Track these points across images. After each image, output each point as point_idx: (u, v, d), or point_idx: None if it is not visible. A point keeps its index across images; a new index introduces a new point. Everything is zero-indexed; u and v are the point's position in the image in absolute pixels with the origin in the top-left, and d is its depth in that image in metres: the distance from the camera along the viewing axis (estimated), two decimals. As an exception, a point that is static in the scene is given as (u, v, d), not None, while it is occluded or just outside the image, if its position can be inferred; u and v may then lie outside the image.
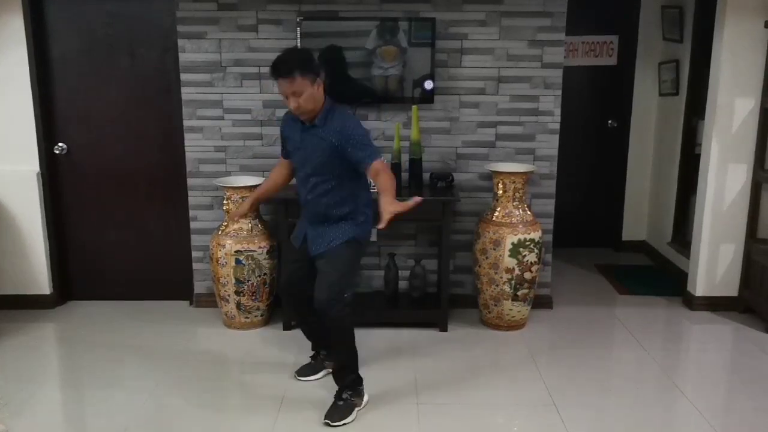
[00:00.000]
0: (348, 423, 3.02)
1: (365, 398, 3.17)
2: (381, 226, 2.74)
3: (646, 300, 4.59)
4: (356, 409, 3.09)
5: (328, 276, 3.01)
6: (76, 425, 3.14)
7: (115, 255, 4.44)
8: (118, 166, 4.32)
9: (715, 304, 4.33)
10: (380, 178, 2.89)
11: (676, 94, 5.12)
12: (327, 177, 3.03)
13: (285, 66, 2.89)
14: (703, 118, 4.34)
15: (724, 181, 4.21)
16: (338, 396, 3.09)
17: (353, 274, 3.45)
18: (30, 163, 4.21)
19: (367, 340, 3.87)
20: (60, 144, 4.29)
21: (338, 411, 3.04)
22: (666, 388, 3.39)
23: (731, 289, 4.32)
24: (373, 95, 4.06)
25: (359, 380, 3.16)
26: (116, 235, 4.41)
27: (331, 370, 3.27)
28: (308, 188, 3.08)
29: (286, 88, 2.89)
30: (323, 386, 3.33)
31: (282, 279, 3.36)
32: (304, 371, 3.47)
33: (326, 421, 3.01)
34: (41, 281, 4.32)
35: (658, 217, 5.45)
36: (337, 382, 3.13)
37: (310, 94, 2.90)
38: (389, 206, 2.75)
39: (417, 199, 2.81)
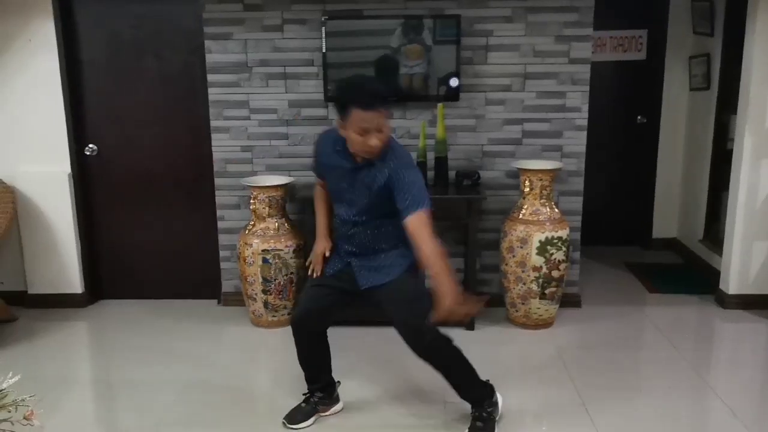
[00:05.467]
0: None
1: (499, 402, 2.97)
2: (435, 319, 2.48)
3: (677, 298, 4.51)
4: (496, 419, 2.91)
5: (403, 304, 2.74)
6: (106, 423, 3.19)
7: (144, 254, 4.49)
8: (147, 167, 4.38)
9: (748, 303, 4.24)
10: (421, 239, 2.50)
11: (707, 88, 5.02)
12: (372, 218, 2.72)
13: (379, 98, 2.53)
14: (735, 113, 4.26)
15: (757, 177, 4.12)
16: (475, 416, 2.88)
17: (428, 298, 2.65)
18: (61, 165, 4.28)
19: (395, 339, 3.86)
20: (90, 145, 4.36)
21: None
22: (698, 388, 3.33)
23: (765, 287, 4.23)
24: (399, 94, 4.05)
25: (488, 389, 2.94)
26: (145, 235, 4.47)
27: (323, 414, 3.05)
28: (351, 225, 2.78)
29: (373, 123, 2.50)
30: (352, 385, 3.31)
31: (300, 307, 2.93)
32: (294, 417, 2.99)
33: None
34: (73, 280, 4.39)
35: (689, 215, 5.36)
36: (468, 399, 2.92)
37: (389, 131, 2.60)
38: (450, 300, 2.44)
39: (484, 298, 2.67)
